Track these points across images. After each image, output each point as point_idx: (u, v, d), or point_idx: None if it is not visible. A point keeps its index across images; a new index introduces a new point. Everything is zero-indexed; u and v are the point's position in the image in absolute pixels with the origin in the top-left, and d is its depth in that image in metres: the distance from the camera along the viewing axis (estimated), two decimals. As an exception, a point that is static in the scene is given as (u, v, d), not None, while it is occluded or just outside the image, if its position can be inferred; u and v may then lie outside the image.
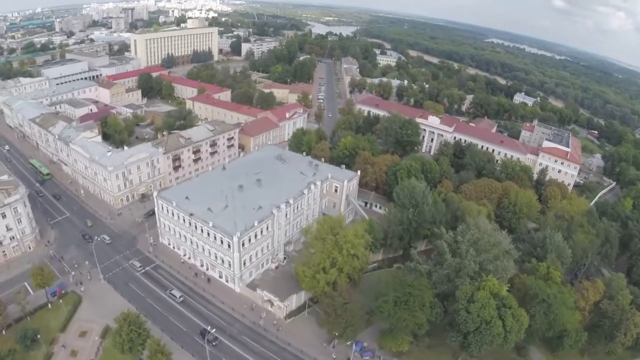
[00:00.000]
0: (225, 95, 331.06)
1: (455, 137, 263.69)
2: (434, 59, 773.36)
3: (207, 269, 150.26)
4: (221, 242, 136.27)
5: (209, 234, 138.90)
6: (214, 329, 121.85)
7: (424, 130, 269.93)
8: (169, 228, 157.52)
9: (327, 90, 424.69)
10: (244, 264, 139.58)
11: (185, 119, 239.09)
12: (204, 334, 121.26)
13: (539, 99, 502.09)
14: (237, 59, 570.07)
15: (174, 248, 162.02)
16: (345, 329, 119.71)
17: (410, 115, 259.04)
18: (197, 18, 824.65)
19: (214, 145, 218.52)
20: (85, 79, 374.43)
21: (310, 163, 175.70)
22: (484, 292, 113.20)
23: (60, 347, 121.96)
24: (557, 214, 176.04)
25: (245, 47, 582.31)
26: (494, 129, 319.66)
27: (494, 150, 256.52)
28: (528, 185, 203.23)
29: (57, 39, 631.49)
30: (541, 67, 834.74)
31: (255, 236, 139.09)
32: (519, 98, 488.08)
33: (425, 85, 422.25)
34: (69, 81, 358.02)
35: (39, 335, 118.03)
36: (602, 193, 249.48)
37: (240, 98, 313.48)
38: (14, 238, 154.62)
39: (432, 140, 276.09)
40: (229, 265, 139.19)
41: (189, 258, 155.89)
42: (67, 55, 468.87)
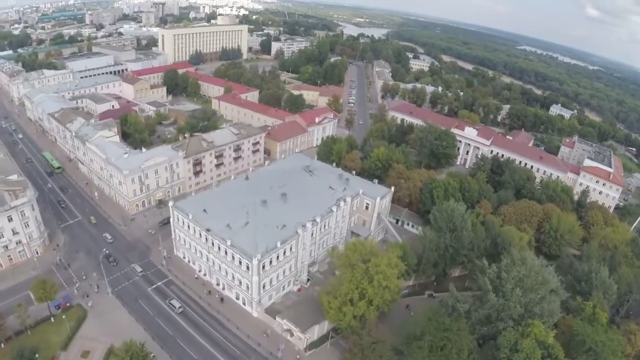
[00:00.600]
0: (253, 95, 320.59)
1: (492, 151, 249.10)
2: (467, 65, 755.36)
3: (223, 289, 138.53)
4: (239, 263, 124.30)
5: (226, 253, 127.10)
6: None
7: (460, 141, 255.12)
8: (184, 241, 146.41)
9: (358, 94, 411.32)
10: (263, 287, 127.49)
11: (209, 120, 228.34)
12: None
13: (575, 111, 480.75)
14: (267, 57, 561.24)
15: (189, 262, 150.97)
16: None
17: (445, 125, 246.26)
18: (228, 15, 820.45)
19: (238, 150, 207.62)
20: (110, 73, 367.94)
21: (340, 176, 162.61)
22: (530, 341, 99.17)
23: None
24: (601, 243, 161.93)
25: (275, 46, 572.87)
26: (531, 143, 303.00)
27: (532, 166, 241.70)
28: (569, 207, 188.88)
29: (86, 32, 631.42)
30: (575, 78, 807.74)
31: (278, 258, 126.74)
32: (555, 110, 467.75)
33: (460, 93, 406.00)
34: (93, 75, 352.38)
35: (37, 355, 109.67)
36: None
37: (268, 99, 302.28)
38: (20, 242, 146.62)
39: (468, 152, 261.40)
40: (247, 288, 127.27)
41: (204, 275, 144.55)
42: (94, 48, 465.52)
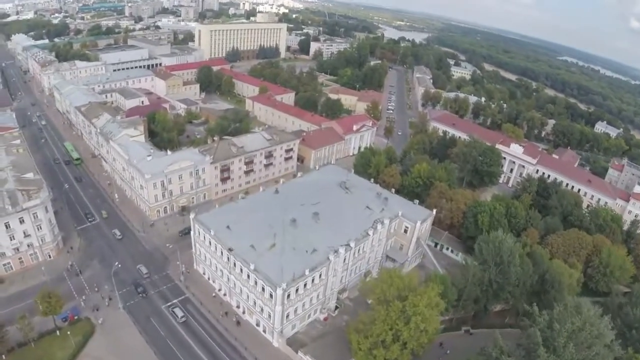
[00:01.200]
0: (289, 97, 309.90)
1: (537, 171, 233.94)
2: (509, 75, 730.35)
3: (244, 312, 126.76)
4: (262, 290, 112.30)
5: (248, 277, 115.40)
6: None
7: (504, 158, 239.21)
8: (205, 257, 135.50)
9: (398, 100, 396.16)
10: (287, 316, 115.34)
11: (241, 122, 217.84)
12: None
13: (621, 130, 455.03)
14: (305, 58, 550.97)
15: (208, 279, 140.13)
16: None
17: (489, 140, 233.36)
18: (268, 13, 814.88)
19: (269, 156, 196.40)
20: (144, 67, 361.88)
21: (378, 195, 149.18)
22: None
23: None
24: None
25: (314, 47, 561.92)
26: (576, 163, 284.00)
27: (579, 190, 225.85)
28: (619, 239, 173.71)
29: (125, 23, 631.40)
30: (617, 92, 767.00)
31: (305, 286, 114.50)
32: (600, 127, 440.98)
33: (503, 105, 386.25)
34: (126, 68, 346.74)
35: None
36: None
37: (304, 102, 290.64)
38: (31, 245, 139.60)
39: (512, 170, 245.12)
40: (269, 316, 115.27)
41: (224, 294, 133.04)
42: (129, 41, 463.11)
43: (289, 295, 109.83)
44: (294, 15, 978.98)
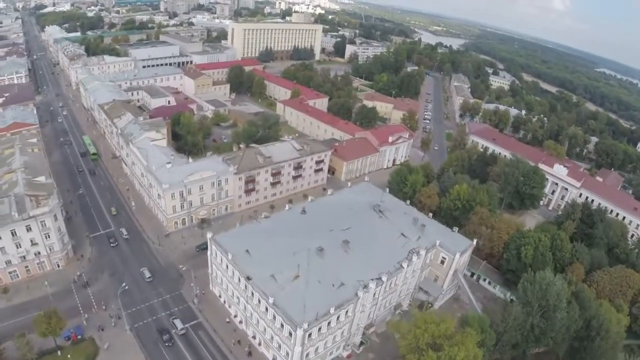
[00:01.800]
0: (322, 102, 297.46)
1: (580, 194, 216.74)
2: (547, 86, 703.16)
3: (260, 344, 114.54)
4: (281, 326, 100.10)
5: (267, 310, 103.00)
6: None
7: (546, 179, 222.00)
8: (221, 281, 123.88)
9: (435, 109, 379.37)
10: (307, 356, 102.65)
11: (271, 128, 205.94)
12: None
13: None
14: (340, 60, 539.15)
15: (224, 303, 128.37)
16: None
17: (530, 158, 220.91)
18: (303, 13, 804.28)
19: (298, 168, 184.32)
20: (174, 64, 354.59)
21: (414, 221, 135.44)
22: None
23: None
24: None
25: (349, 49, 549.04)
26: (619, 185, 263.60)
27: (624, 217, 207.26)
28: None
29: (159, 19, 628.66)
30: None
31: (329, 324, 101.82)
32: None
33: (545, 120, 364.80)
34: (155, 65, 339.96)
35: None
36: None
37: (338, 109, 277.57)
38: (39, 254, 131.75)
39: (553, 192, 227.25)
40: (287, 355, 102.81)
41: (240, 322, 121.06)
42: (161, 37, 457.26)
43: (310, 335, 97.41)
44: (330, 17, 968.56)
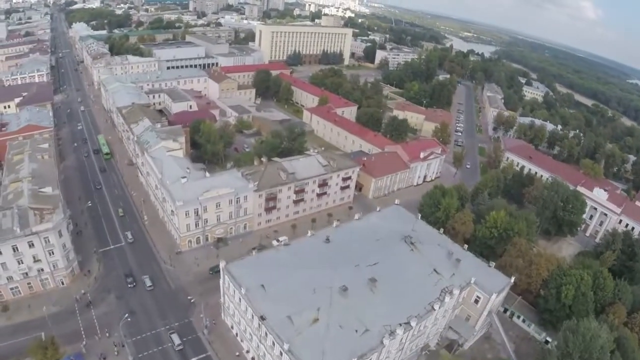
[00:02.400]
0: (350, 111, 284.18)
1: (620, 221, 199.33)
2: (582, 99, 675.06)
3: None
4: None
5: (281, 355, 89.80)
6: None
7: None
8: (234, 313, 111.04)
9: (467, 121, 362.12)
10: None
11: (296, 140, 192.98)
12: None
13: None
14: (369, 65, 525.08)
15: (236, 335, 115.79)
16: None
17: (568, 179, 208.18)
18: (333, 16, 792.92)
19: (324, 185, 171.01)
20: (198, 66, 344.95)
21: (449, 255, 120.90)
22: None
23: None
24: None
25: (379, 55, 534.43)
26: None
27: None
28: None
29: (187, 18, 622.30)
30: None
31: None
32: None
33: (581, 136, 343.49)
34: (179, 66, 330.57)
35: None
36: None
37: (367, 119, 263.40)
38: (42, 271, 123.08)
39: (591, 217, 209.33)
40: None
41: (252, 358, 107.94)
42: (187, 37, 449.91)
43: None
44: (360, 20, 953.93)
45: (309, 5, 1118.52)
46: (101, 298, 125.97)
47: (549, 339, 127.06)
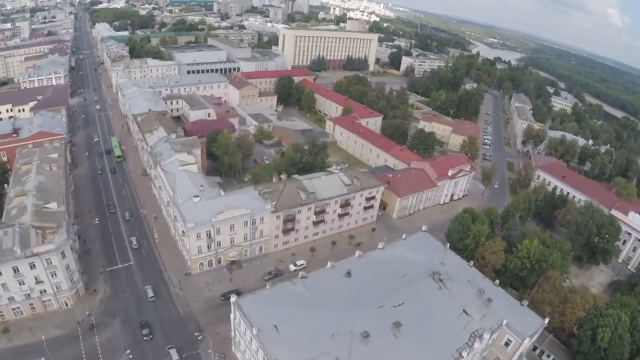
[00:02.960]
0: (375, 122, 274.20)
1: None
2: (611, 110, 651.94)
3: None
4: None
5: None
6: None
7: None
8: (245, 350, 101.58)
9: (494, 132, 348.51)
10: None
11: (318, 155, 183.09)
12: None
13: None
14: (395, 72, 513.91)
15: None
16: None
17: (602, 200, 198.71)
18: (358, 20, 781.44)
19: (346, 205, 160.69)
20: (219, 71, 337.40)
21: (479, 294, 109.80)
22: None
23: None
24: None
25: (405, 62, 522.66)
26: None
27: None
28: None
29: (210, 20, 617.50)
30: None
31: None
32: None
33: (613, 152, 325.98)
34: (200, 71, 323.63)
35: None
36: None
37: (393, 131, 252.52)
38: (45, 292, 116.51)
39: (624, 242, 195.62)
40: None
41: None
42: (209, 40, 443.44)
43: None
44: (385, 25, 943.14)
45: (334, 8, 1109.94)
46: (105, 323, 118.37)
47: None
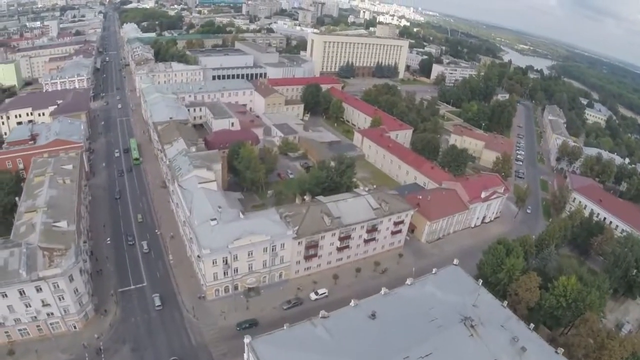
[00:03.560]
0: (405, 135, 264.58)
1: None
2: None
3: None
4: None
5: None
6: None
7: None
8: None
9: (527, 148, 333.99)
10: None
11: (345, 173, 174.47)
12: None
13: None
14: (425, 80, 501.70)
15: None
16: None
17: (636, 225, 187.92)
18: (388, 25, 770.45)
19: (373, 230, 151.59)
20: (245, 76, 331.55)
21: (513, 341, 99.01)
22: None
23: None
24: None
25: (436, 69, 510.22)
26: None
27: None
28: None
29: (239, 22, 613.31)
30: None
31: None
32: None
33: None
34: (225, 76, 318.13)
35: None
36: None
37: (423, 146, 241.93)
38: (52, 315, 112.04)
39: None
40: None
41: None
42: (236, 44, 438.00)
43: None
44: (415, 29, 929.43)
45: (363, 12, 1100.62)
46: (115, 349, 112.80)
47: None
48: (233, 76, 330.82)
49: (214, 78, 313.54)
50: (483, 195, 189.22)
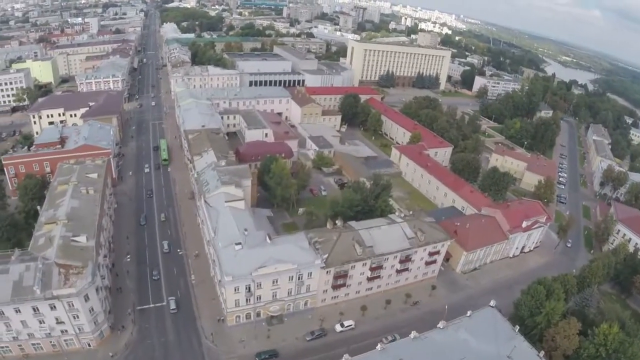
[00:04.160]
0: (444, 152, 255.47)
1: None
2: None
3: None
4: None
5: None
6: None
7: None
8: None
9: (570, 169, 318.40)
10: None
11: (380, 197, 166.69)
12: None
13: None
14: (467, 93, 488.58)
15: None
16: None
17: None
18: (430, 33, 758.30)
19: (406, 261, 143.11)
20: (283, 82, 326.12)
21: None
22: None
23: None
24: None
25: (478, 82, 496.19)
26: None
27: None
28: None
29: (279, 26, 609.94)
30: None
31: None
32: None
33: None
34: (262, 82, 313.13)
35: None
36: None
37: (463, 166, 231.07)
38: (66, 332, 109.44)
39: None
40: None
41: None
42: (275, 49, 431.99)
43: None
44: (457, 38, 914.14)
45: (405, 18, 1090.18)
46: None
47: None
48: (270, 82, 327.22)
49: (250, 84, 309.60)
50: (524, 225, 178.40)
